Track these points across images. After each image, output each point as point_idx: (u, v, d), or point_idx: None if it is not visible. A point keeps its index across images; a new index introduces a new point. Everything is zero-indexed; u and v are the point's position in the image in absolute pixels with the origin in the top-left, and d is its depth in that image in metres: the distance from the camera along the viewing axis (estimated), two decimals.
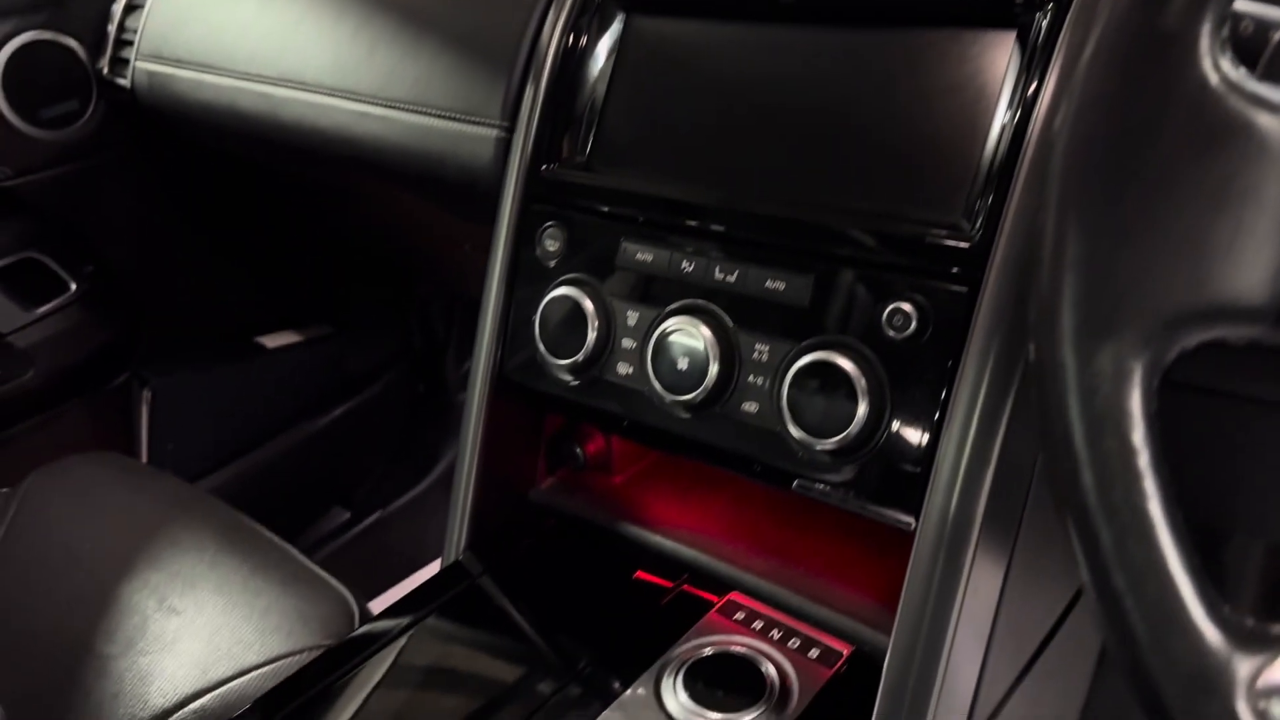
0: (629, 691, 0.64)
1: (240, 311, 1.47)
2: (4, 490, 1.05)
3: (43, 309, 1.19)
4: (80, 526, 1.01)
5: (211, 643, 0.85)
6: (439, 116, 0.88)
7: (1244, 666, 0.32)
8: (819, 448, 0.62)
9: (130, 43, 1.17)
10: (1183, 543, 0.33)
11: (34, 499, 1.03)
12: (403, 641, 0.71)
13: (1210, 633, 0.32)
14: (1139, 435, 0.33)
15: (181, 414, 1.35)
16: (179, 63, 1.11)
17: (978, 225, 0.58)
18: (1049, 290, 0.35)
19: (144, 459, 1.34)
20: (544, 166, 0.76)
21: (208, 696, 0.81)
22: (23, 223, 1.18)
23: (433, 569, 1.21)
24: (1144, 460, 0.33)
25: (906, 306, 0.59)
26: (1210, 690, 0.32)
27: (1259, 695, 0.32)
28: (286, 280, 1.50)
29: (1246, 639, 0.32)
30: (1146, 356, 0.33)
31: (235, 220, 1.41)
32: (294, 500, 1.52)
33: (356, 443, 1.60)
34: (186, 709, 0.80)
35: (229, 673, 0.82)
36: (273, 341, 1.46)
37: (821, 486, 0.64)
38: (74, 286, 1.22)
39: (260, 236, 1.44)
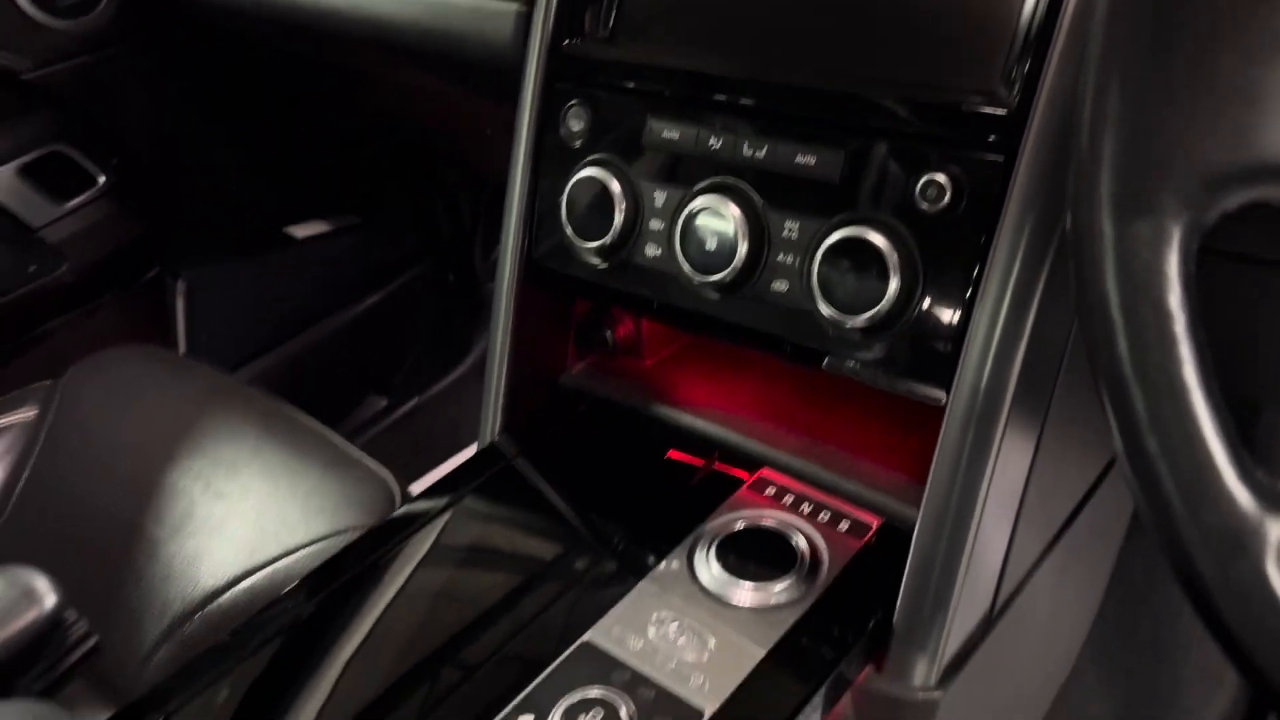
0: (663, 564, 0.66)
1: (268, 202, 1.47)
2: (45, 383, 1.07)
3: (72, 203, 1.19)
4: (122, 417, 1.03)
5: (257, 525, 0.88)
6: None
7: (1276, 529, 0.32)
8: (850, 325, 0.61)
9: None
10: (1217, 408, 0.33)
11: (75, 391, 1.05)
12: (442, 521, 0.72)
13: (1242, 496, 0.32)
14: (1175, 300, 0.33)
15: (215, 305, 1.36)
16: None
17: (1015, 91, 0.56)
18: (1088, 153, 0.34)
19: (181, 351, 1.36)
20: (566, 42, 0.74)
21: (256, 576, 0.84)
22: (47, 116, 1.18)
23: (470, 453, 1.24)
24: (1180, 326, 0.33)
25: (940, 178, 0.58)
26: (1241, 552, 0.32)
27: None
28: (312, 170, 1.49)
29: (1279, 502, 0.32)
30: (1186, 219, 0.33)
31: (258, 110, 1.40)
32: (331, 388, 1.54)
33: (390, 331, 1.61)
34: (236, 588, 0.83)
35: (275, 553, 0.84)
36: (301, 232, 1.46)
37: (853, 364, 0.64)
38: (101, 180, 1.22)
39: (284, 126, 1.43)
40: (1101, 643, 0.89)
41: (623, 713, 0.56)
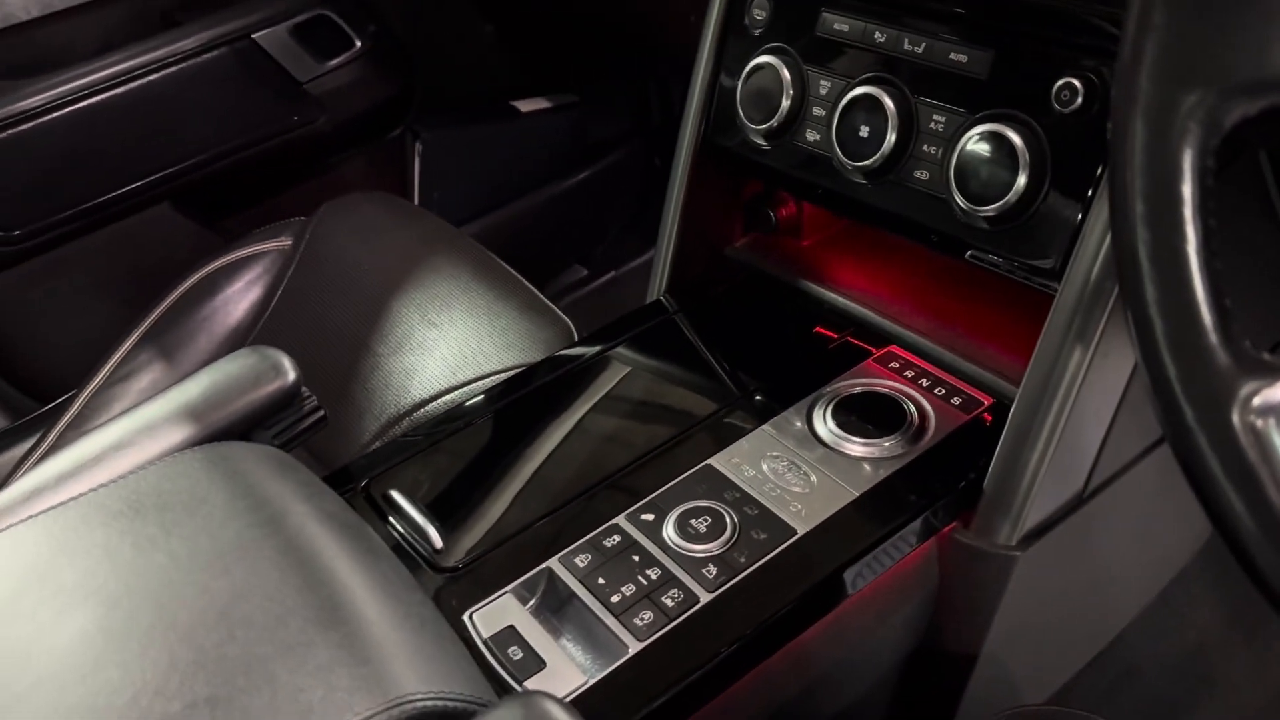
0: (785, 413, 0.74)
1: (499, 76, 1.60)
2: (300, 218, 1.25)
3: (332, 62, 1.36)
4: (361, 251, 1.20)
5: (460, 351, 1.02)
6: None
7: (1245, 387, 0.37)
8: (980, 214, 0.67)
9: None
10: (1212, 283, 0.38)
11: (325, 227, 1.22)
12: (604, 358, 0.84)
13: (1222, 357, 0.38)
14: (1188, 190, 0.38)
15: (447, 165, 1.52)
16: None
17: None
18: (1129, 58, 0.39)
19: (415, 203, 1.53)
20: None
21: (456, 392, 0.98)
22: None
23: None
24: (1189, 210, 0.38)
25: (1076, 81, 0.62)
26: (1213, 405, 0.38)
27: (1253, 411, 0.37)
28: (540, 49, 1.61)
29: (1254, 366, 0.38)
30: (1206, 122, 0.38)
31: None
32: (538, 253, 1.68)
33: (596, 207, 1.73)
34: (439, 400, 0.98)
35: (472, 376, 0.98)
36: (526, 106, 1.59)
37: (979, 251, 0.69)
38: (359, 43, 1.38)
39: (518, 5, 1.54)
40: (1218, 553, 0.91)
41: (727, 522, 0.66)
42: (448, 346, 1.04)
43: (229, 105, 1.29)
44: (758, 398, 0.77)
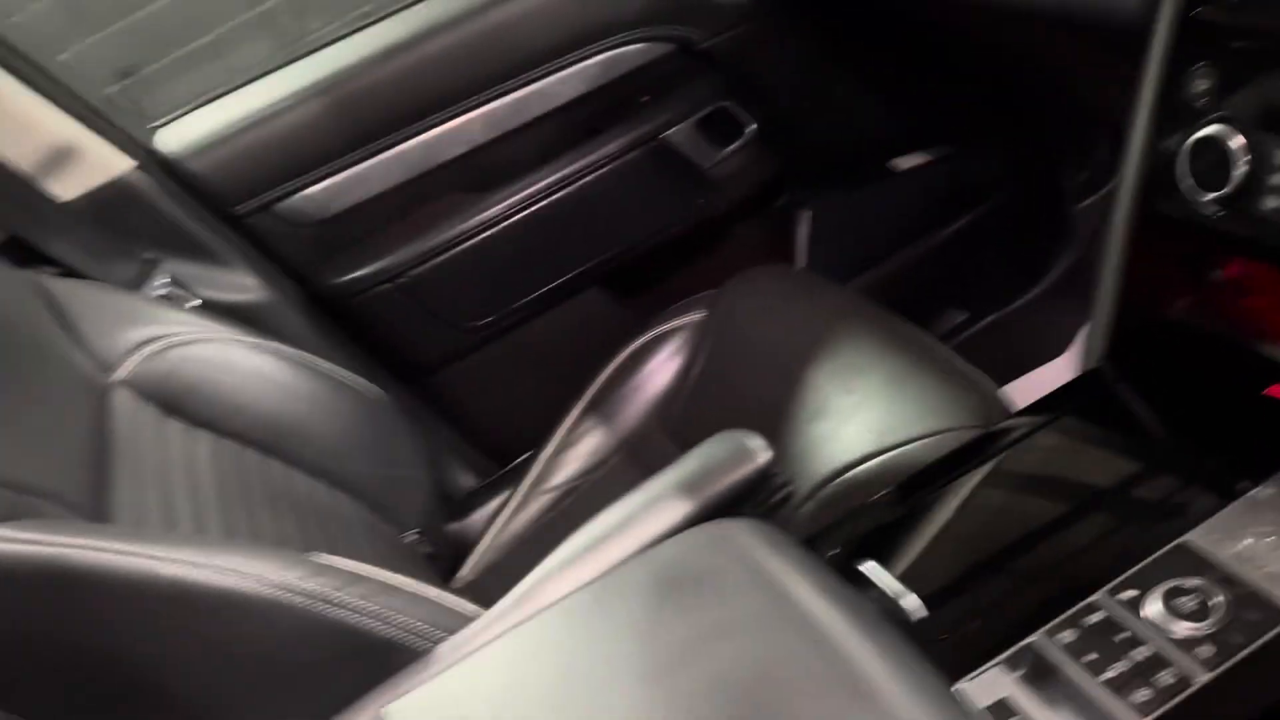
0: (1262, 487, 0.73)
1: (876, 139, 1.66)
2: (710, 292, 1.37)
3: (729, 148, 1.49)
4: (769, 322, 1.30)
5: (882, 417, 1.08)
6: None
7: None
8: None
9: None
10: None
11: (732, 300, 1.34)
12: (1046, 427, 0.86)
13: None
14: None
15: (830, 230, 1.60)
16: None
17: None
18: None
19: (800, 266, 1.62)
20: (1195, 10, 0.80)
21: (884, 457, 1.03)
22: (715, 77, 1.47)
23: (1046, 369, 1.33)
24: None
25: None
26: None
27: None
28: (916, 108, 1.65)
29: None
30: None
31: (873, 60, 1.58)
32: (919, 301, 1.71)
33: (974, 251, 1.73)
34: (868, 464, 1.04)
35: (900, 440, 1.03)
36: (904, 164, 1.64)
37: None
38: (751, 128, 1.49)
39: (893, 73, 1.60)
40: None
41: (1215, 600, 0.67)
42: (868, 412, 1.10)
43: (645, 198, 1.45)
44: (1224, 469, 0.76)
